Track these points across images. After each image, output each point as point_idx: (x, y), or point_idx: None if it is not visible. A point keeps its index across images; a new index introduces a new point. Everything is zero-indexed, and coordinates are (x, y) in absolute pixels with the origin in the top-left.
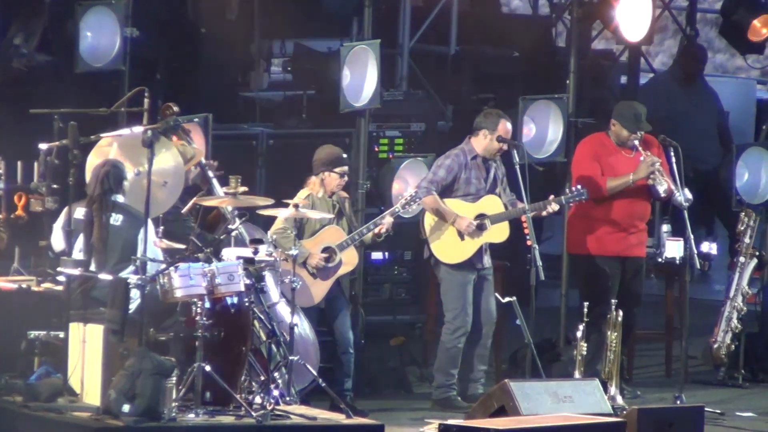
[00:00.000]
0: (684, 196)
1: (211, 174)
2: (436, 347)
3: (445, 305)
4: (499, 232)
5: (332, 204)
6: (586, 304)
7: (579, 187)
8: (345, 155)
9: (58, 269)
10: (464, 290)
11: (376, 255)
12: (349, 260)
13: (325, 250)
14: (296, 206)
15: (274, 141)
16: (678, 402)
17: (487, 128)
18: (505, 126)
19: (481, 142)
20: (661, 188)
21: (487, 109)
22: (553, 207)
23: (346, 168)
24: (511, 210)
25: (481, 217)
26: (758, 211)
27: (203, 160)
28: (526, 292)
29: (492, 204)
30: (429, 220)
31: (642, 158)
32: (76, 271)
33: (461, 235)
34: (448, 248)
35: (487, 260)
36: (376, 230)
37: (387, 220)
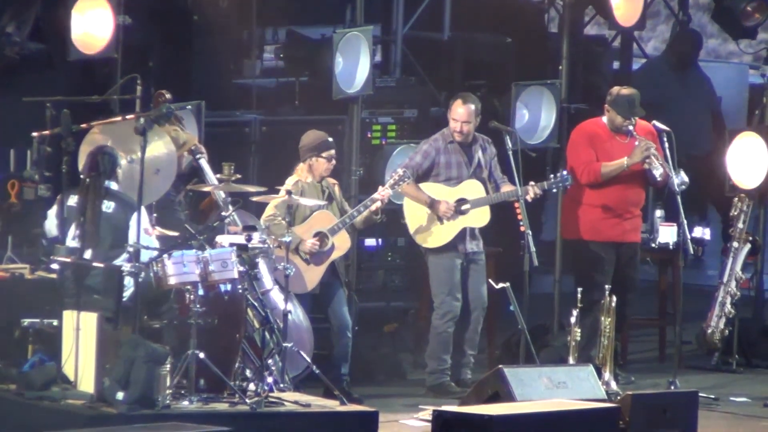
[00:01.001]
0: (680, 179)
1: (203, 163)
2: (429, 333)
3: (432, 290)
4: (480, 217)
5: (321, 189)
6: (579, 289)
7: (564, 172)
8: (330, 139)
9: (52, 257)
10: (450, 275)
11: (370, 242)
12: (341, 244)
13: (316, 235)
14: (289, 193)
15: (267, 128)
16: (672, 387)
17: (448, 111)
18: (457, 106)
19: (450, 126)
20: (657, 172)
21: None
22: (535, 191)
23: (332, 152)
24: (493, 195)
25: (461, 201)
26: (751, 196)
27: (195, 147)
28: (519, 278)
29: (472, 188)
30: (408, 205)
31: (636, 143)
32: (70, 259)
33: (441, 219)
34: (428, 232)
35: (473, 245)
36: (373, 208)
37: (386, 192)
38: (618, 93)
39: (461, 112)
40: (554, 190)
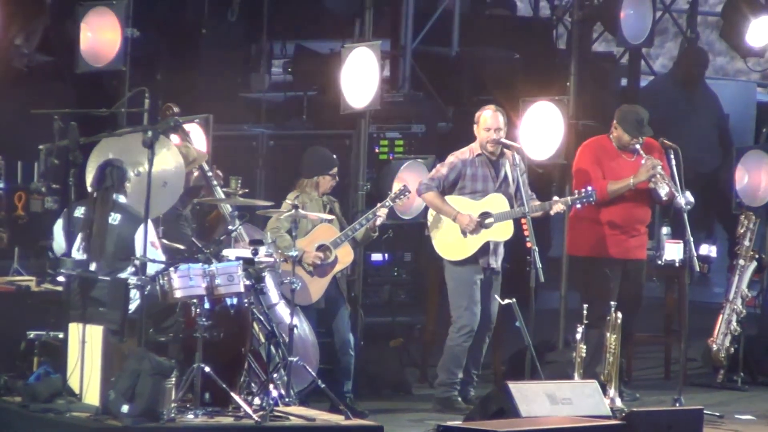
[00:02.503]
0: (685, 198)
1: (215, 182)
2: (435, 348)
3: (451, 304)
4: (503, 231)
5: (323, 204)
6: (585, 306)
7: (589, 188)
8: (334, 156)
9: (58, 269)
10: (470, 289)
11: (376, 256)
12: (344, 257)
13: (319, 248)
14: (295, 207)
15: (275, 142)
16: (677, 404)
17: (475, 122)
18: (489, 114)
19: (477, 138)
20: (663, 192)
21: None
22: (559, 207)
23: (336, 168)
24: (516, 209)
25: (485, 215)
26: (758, 213)
27: (205, 166)
28: (525, 294)
29: (497, 202)
30: (433, 217)
31: (643, 162)
32: (76, 272)
33: (464, 232)
34: (451, 245)
35: (495, 261)
36: (370, 224)
37: (382, 211)
38: (627, 111)
39: (495, 120)
40: (578, 206)
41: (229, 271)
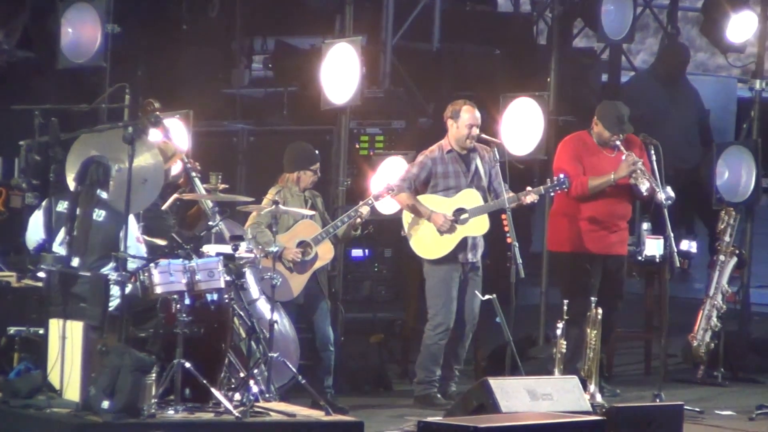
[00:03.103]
0: (666, 194)
1: (194, 174)
2: (415, 344)
3: (428, 301)
4: (479, 226)
5: (304, 200)
6: (566, 301)
7: (561, 176)
8: (317, 151)
9: (38, 265)
10: (447, 286)
11: (357, 252)
12: (324, 254)
13: (300, 244)
14: (276, 203)
15: (255, 138)
16: (657, 400)
17: (452, 118)
18: (470, 112)
19: (452, 134)
20: (643, 187)
21: (454, 101)
22: (532, 197)
23: (318, 164)
24: (490, 203)
25: (459, 211)
26: (738, 209)
27: (185, 158)
28: (506, 290)
29: (470, 197)
30: (407, 216)
31: (624, 158)
32: (56, 267)
33: (439, 230)
34: (427, 244)
35: (473, 255)
36: (351, 222)
37: (363, 209)
38: (607, 108)
39: (474, 117)
40: (552, 194)
41: (209, 266)
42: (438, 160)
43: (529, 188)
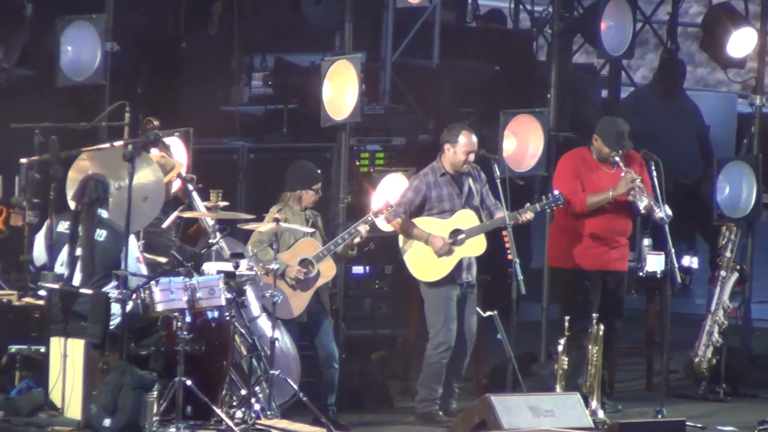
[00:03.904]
0: (664, 212)
1: (191, 187)
2: (417, 361)
3: (428, 321)
4: (476, 246)
5: (305, 218)
6: (567, 318)
7: (555, 192)
8: (319, 171)
9: (39, 283)
10: (447, 305)
11: (357, 269)
12: (326, 271)
13: (302, 262)
14: (277, 220)
15: (255, 155)
16: (659, 416)
17: (449, 142)
18: (468, 138)
19: (447, 157)
20: (641, 204)
21: (451, 124)
22: (528, 215)
23: (320, 184)
24: (486, 223)
25: (456, 233)
26: (739, 225)
27: (183, 173)
28: (507, 306)
29: (466, 218)
30: (405, 241)
31: (622, 175)
32: (57, 286)
33: (437, 253)
34: (425, 266)
35: (470, 275)
36: (350, 241)
37: (362, 228)
38: (607, 124)
39: (471, 142)
40: (548, 210)
41: (210, 284)
42: (432, 184)
43: (528, 204)
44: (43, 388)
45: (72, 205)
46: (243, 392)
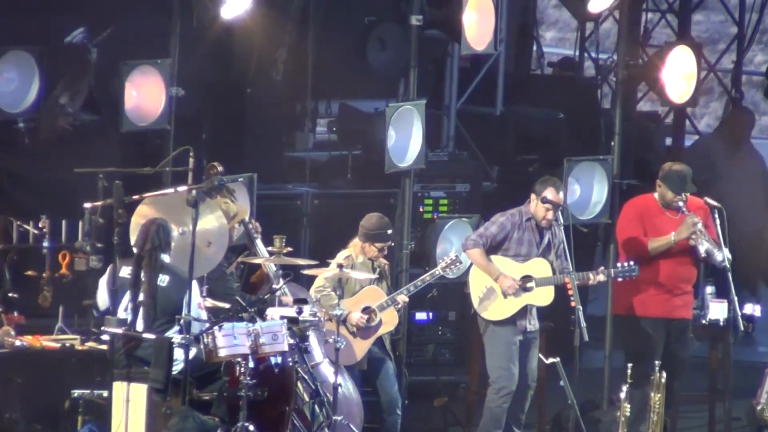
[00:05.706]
0: (724, 255)
1: (255, 234)
2: (479, 408)
3: (489, 365)
4: (544, 296)
5: (372, 267)
6: (629, 365)
7: (631, 263)
8: (390, 231)
9: (102, 328)
10: (509, 349)
11: (420, 315)
12: (389, 320)
13: (365, 310)
14: (340, 266)
15: (319, 201)
16: None
17: (536, 192)
18: (552, 191)
19: (532, 207)
20: (702, 248)
21: (545, 176)
22: (600, 278)
23: (388, 243)
24: (558, 276)
25: (526, 278)
26: None
27: (246, 219)
28: (570, 353)
29: (540, 267)
30: (474, 274)
31: (685, 219)
32: (120, 330)
33: (504, 293)
34: (490, 304)
35: (532, 324)
36: (395, 305)
37: (401, 298)
38: (670, 169)
39: (558, 198)
40: (620, 279)
41: (273, 329)
42: (517, 225)
43: (602, 268)
44: None
45: (135, 250)
46: None
